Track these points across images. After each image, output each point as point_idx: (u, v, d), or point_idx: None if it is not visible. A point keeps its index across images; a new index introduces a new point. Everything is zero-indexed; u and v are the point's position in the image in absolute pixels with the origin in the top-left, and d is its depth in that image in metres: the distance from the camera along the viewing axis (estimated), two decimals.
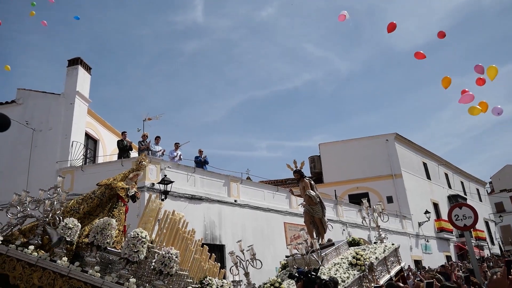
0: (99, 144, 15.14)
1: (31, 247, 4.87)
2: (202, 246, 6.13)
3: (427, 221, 23.95)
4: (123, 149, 12.84)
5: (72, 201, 5.86)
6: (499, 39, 73.07)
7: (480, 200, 34.98)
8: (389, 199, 23.66)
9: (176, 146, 13.66)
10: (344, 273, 6.53)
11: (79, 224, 5.18)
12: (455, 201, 26.01)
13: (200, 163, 13.77)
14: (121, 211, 6.00)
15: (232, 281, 6.17)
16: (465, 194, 31.31)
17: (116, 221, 5.43)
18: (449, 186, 30.11)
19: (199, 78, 76.94)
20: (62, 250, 4.88)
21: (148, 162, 7.49)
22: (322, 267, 6.37)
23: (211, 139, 70.32)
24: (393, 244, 8.25)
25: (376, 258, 7.30)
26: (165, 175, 10.87)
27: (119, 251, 5.04)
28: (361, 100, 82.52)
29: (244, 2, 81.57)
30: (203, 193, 12.45)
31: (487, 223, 34.15)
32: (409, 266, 16.58)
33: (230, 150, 72.18)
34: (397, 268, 7.81)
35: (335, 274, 6.25)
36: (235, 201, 13.37)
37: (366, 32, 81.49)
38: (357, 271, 6.75)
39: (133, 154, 13.42)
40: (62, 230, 4.93)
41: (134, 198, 6.34)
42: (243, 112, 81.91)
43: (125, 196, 6.09)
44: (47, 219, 5.23)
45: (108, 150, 15.28)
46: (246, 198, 13.85)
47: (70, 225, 4.97)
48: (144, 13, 72.45)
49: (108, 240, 4.96)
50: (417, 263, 20.89)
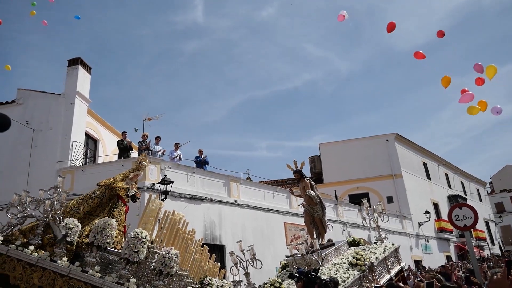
0: (99, 144, 15.14)
1: (31, 247, 4.87)
2: (202, 246, 6.14)
3: (427, 221, 23.95)
4: (123, 149, 12.84)
5: (72, 201, 5.87)
6: (499, 39, 73.18)
7: (480, 200, 34.98)
8: (389, 199, 23.66)
9: (176, 146, 13.66)
10: (344, 273, 6.54)
11: (79, 224, 5.18)
12: (455, 201, 26.01)
13: (200, 163, 13.77)
14: (121, 211, 6.01)
15: (232, 281, 6.17)
16: (465, 194, 31.31)
17: (116, 221, 5.44)
18: (449, 186, 30.11)
19: (199, 78, 77.06)
20: (62, 250, 4.88)
21: (148, 162, 7.49)
22: (322, 267, 6.37)
23: (211, 139, 70.41)
24: (393, 244, 8.26)
25: (376, 258, 7.30)
26: (165, 175, 10.87)
27: (119, 251, 5.04)
28: (361, 100, 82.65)
29: (244, 2, 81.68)
30: (203, 193, 12.44)
31: (487, 223, 34.15)
32: (409, 266, 16.58)
33: (230, 150, 72.26)
34: (397, 268, 7.81)
35: (335, 274, 6.25)
36: (235, 201, 13.37)
37: (366, 32, 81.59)
38: (357, 271, 6.75)
39: (133, 154, 13.42)
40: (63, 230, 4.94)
41: (134, 198, 6.35)
42: (243, 112, 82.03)
43: (125, 196, 6.09)
44: (47, 219, 5.23)
45: (108, 150, 15.28)
46: (246, 198, 13.85)
47: (70, 225, 4.98)
48: (144, 13, 72.55)
49: (108, 240, 4.97)
50: (417, 263, 20.89)
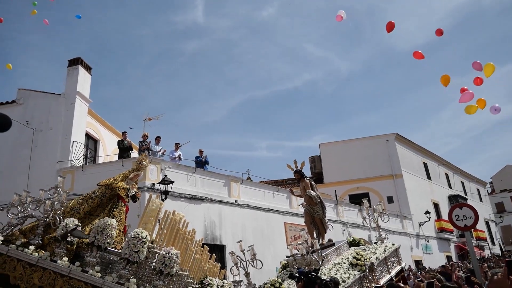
0: (100, 144, 15.14)
1: (32, 247, 4.87)
2: (203, 246, 6.13)
3: (428, 221, 23.94)
4: (124, 149, 12.84)
5: (73, 201, 5.87)
6: (499, 39, 73.14)
7: (481, 200, 34.97)
8: (390, 199, 23.65)
9: (177, 146, 13.67)
10: (345, 273, 6.54)
11: (80, 224, 5.18)
12: (456, 201, 26.00)
13: (201, 163, 13.78)
14: (122, 211, 6.01)
15: (233, 281, 6.18)
16: (466, 194, 31.30)
17: (117, 221, 5.44)
18: (450, 186, 30.10)
19: (199, 78, 77.05)
20: (63, 250, 4.88)
21: (149, 162, 7.50)
22: (323, 267, 6.37)
23: (211, 139, 70.39)
24: (394, 244, 8.26)
25: (377, 258, 7.30)
26: (166, 175, 10.88)
27: (120, 251, 5.04)
28: (361, 100, 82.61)
29: (244, 2, 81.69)
30: (204, 193, 12.45)
31: (488, 223, 34.15)
32: (410, 266, 16.58)
33: (230, 150, 72.25)
34: (398, 268, 7.81)
35: (336, 274, 6.25)
36: (236, 201, 13.37)
37: (366, 32, 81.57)
38: (358, 271, 6.75)
39: (134, 154, 13.43)
40: (63, 230, 4.93)
41: (135, 198, 6.35)
42: (243, 112, 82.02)
43: (126, 196, 6.10)
44: (48, 219, 5.23)
45: (109, 150, 15.29)
46: (247, 198, 13.85)
47: (71, 225, 4.98)
48: (144, 13, 72.56)
49: (109, 240, 4.97)
50: (418, 263, 20.88)
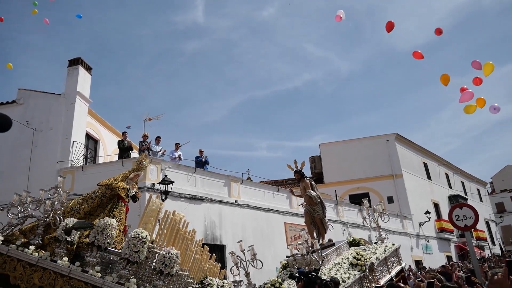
0: (100, 144, 15.14)
1: (32, 247, 4.87)
2: (203, 246, 6.14)
3: (428, 221, 23.94)
4: (124, 149, 12.84)
5: (73, 201, 5.87)
6: (499, 39, 73.12)
7: (481, 200, 34.96)
8: (390, 199, 23.65)
9: (177, 146, 13.67)
10: (345, 273, 6.54)
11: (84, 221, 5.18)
12: (456, 201, 25.99)
13: (201, 163, 13.78)
14: (122, 211, 6.01)
15: (233, 281, 6.17)
16: (466, 194, 31.29)
17: (117, 221, 5.43)
18: (450, 186, 30.10)
19: (199, 78, 77.04)
20: (63, 250, 4.88)
21: (149, 162, 7.50)
22: (323, 267, 6.37)
23: (211, 139, 70.37)
24: (394, 244, 8.26)
25: (377, 258, 7.30)
26: (166, 175, 10.88)
27: (120, 251, 5.04)
28: (361, 100, 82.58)
29: (244, 2, 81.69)
30: (204, 193, 12.45)
31: (488, 223, 34.14)
32: (410, 266, 16.58)
33: (230, 150, 72.23)
34: (398, 268, 7.82)
35: (336, 274, 6.25)
36: (236, 201, 13.37)
37: (366, 32, 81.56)
38: (358, 271, 6.75)
39: (134, 154, 13.43)
40: (63, 230, 4.94)
41: (135, 198, 6.35)
42: (243, 112, 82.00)
43: (126, 196, 6.10)
44: (48, 219, 5.23)
45: (109, 150, 15.29)
46: (247, 198, 13.85)
47: (71, 225, 4.98)
48: (144, 13, 72.56)
49: (109, 240, 4.97)
50: (418, 263, 20.88)
